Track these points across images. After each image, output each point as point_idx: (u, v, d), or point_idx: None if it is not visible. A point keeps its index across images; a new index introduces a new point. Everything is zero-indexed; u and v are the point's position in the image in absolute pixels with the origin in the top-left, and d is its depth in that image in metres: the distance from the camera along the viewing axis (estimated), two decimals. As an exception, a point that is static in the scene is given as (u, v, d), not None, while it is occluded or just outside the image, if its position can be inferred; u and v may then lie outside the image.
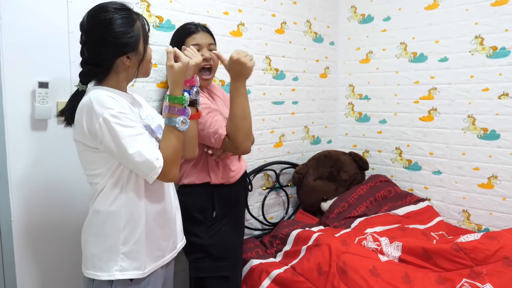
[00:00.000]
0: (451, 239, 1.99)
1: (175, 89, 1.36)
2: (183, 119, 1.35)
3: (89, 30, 1.34)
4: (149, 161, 1.25)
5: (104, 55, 1.32)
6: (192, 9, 2.17)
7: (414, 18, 2.68)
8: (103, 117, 1.23)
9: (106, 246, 1.33)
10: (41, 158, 1.70)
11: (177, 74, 1.35)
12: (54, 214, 1.74)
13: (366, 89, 2.97)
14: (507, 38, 2.31)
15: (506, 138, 2.35)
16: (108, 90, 1.33)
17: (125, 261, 1.33)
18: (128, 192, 1.33)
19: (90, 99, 1.25)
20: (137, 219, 1.34)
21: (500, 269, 1.72)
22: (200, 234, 1.74)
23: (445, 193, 2.61)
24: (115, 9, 1.33)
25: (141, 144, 1.26)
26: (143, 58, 1.39)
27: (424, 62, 2.65)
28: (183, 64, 1.36)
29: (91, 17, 1.34)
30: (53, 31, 1.70)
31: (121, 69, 1.36)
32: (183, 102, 1.36)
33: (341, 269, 1.85)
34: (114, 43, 1.31)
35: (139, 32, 1.36)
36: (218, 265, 1.75)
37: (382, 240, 2.01)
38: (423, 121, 2.68)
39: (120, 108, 1.27)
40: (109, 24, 1.30)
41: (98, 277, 1.33)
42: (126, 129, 1.25)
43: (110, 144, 1.24)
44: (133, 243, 1.33)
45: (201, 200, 1.79)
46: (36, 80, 1.65)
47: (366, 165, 2.80)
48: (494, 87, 2.37)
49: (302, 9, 2.80)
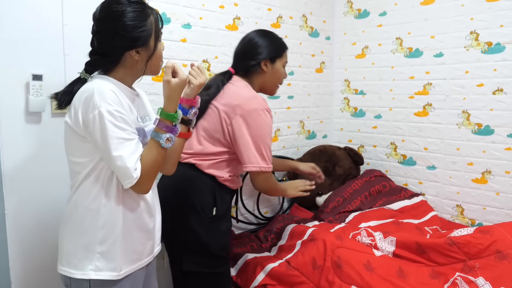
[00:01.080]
0: (444, 233, 2.01)
1: (168, 105, 1.33)
2: (169, 136, 1.32)
3: (101, 20, 1.32)
4: (128, 169, 1.24)
5: (113, 46, 1.30)
6: (187, 3, 2.16)
7: (410, 13, 2.68)
8: (99, 110, 1.21)
9: (82, 244, 1.31)
10: (35, 151, 1.70)
11: (172, 90, 1.32)
12: (48, 207, 1.74)
13: (361, 84, 2.97)
14: (502, 33, 2.32)
15: (500, 134, 2.36)
16: (113, 82, 1.31)
17: (101, 260, 1.30)
18: (109, 191, 1.31)
19: (93, 87, 1.23)
20: (115, 219, 1.32)
21: (492, 263, 1.74)
22: (199, 229, 1.72)
23: (439, 188, 2.62)
24: (129, 2, 1.31)
25: (126, 150, 1.24)
26: (153, 54, 1.36)
27: (419, 58, 2.65)
28: (180, 80, 1.33)
29: (104, 7, 1.32)
30: (47, 23, 1.69)
31: (129, 63, 1.34)
32: (174, 120, 1.34)
33: (335, 264, 1.85)
34: (125, 36, 1.28)
35: (151, 27, 1.33)
36: (215, 261, 1.75)
37: (376, 235, 2.02)
38: (418, 116, 2.69)
39: (119, 106, 1.25)
40: (121, 16, 1.28)
41: (72, 274, 1.31)
42: (117, 130, 1.22)
43: (98, 138, 1.23)
44: (110, 243, 1.31)
45: (203, 193, 1.76)
46: (30, 73, 1.64)
47: (361, 160, 2.81)
48: (488, 82, 2.38)
49: (298, 4, 2.80)
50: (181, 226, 1.72)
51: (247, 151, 1.71)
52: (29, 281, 1.73)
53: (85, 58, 1.78)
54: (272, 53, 1.83)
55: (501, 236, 1.81)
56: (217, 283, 1.78)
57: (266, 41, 1.83)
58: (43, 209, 1.73)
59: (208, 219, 1.74)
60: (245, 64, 1.82)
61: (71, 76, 1.73)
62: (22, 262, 1.71)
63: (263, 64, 1.81)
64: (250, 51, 1.82)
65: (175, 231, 1.73)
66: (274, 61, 1.84)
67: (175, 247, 1.77)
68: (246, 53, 1.83)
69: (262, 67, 1.81)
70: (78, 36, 1.77)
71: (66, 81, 1.73)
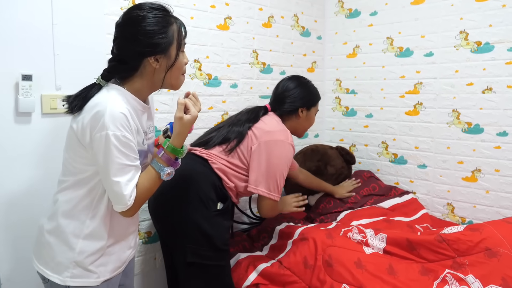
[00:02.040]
0: (435, 231, 2.02)
1: (177, 141, 1.35)
2: (170, 171, 1.34)
3: (121, 25, 1.31)
4: (123, 196, 1.25)
5: (132, 52, 1.29)
6: (178, 2, 2.16)
7: (400, 13, 2.69)
8: (107, 132, 1.19)
9: (61, 249, 1.31)
10: (25, 151, 1.69)
11: (184, 126, 1.34)
12: (37, 208, 1.72)
13: (353, 84, 2.98)
14: (491, 33, 2.34)
15: (489, 132, 2.39)
16: (127, 97, 1.29)
17: (77, 269, 1.31)
18: (99, 205, 1.32)
19: (106, 106, 1.21)
20: (100, 233, 1.33)
21: (482, 260, 1.75)
22: (204, 222, 1.76)
23: (430, 186, 2.64)
24: (151, 8, 1.30)
25: (125, 177, 1.24)
26: (173, 65, 1.34)
27: (410, 57, 2.67)
28: (192, 117, 1.34)
29: (125, 13, 1.32)
30: (37, 23, 1.68)
31: (147, 72, 1.32)
32: (179, 155, 1.36)
33: (326, 262, 1.86)
34: (144, 41, 1.27)
35: (173, 36, 1.32)
36: (218, 254, 1.80)
37: (367, 232, 2.03)
38: (408, 115, 2.70)
39: (127, 131, 1.23)
40: (141, 21, 1.27)
41: (48, 276, 1.32)
42: (120, 156, 1.22)
43: (100, 159, 1.23)
44: (90, 254, 1.32)
45: (209, 188, 1.82)
46: (20, 73, 1.63)
47: (352, 159, 2.82)
48: (478, 81, 2.40)
49: (290, 3, 2.81)
50: (186, 218, 1.76)
51: (256, 173, 1.86)
52: (18, 282, 1.72)
53: (75, 58, 1.79)
54: (309, 103, 2.05)
55: (491, 233, 1.82)
56: (220, 276, 1.83)
57: (305, 91, 2.06)
58: (32, 210, 1.72)
59: (213, 212, 1.79)
60: (284, 107, 2.03)
61: (62, 76, 1.74)
62: (11, 262, 1.70)
63: (300, 110, 2.03)
64: (290, 97, 2.03)
65: (180, 223, 1.77)
66: (309, 109, 2.07)
67: (179, 239, 1.79)
68: (285, 99, 2.03)
69: (299, 113, 2.04)
70: (68, 36, 1.76)
71: (56, 81, 1.73)
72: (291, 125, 2.04)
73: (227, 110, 2.48)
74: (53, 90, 1.73)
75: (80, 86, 1.77)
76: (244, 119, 1.96)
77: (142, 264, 2.18)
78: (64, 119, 1.76)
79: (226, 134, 1.92)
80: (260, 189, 1.86)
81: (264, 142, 1.87)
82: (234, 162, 1.89)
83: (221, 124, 2.02)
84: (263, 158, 1.86)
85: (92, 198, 1.31)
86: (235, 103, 2.52)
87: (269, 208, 1.92)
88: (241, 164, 1.90)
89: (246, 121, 1.94)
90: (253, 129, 1.91)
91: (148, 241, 2.19)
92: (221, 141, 1.91)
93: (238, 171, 1.90)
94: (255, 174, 1.87)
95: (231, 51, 2.46)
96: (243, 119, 1.96)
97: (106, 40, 1.90)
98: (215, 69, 2.40)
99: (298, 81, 2.08)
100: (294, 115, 2.04)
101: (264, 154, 1.86)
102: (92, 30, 1.84)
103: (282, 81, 2.11)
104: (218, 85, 2.42)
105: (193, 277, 1.78)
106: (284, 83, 2.08)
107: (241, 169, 1.90)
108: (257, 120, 1.95)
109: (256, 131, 1.90)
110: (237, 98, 2.53)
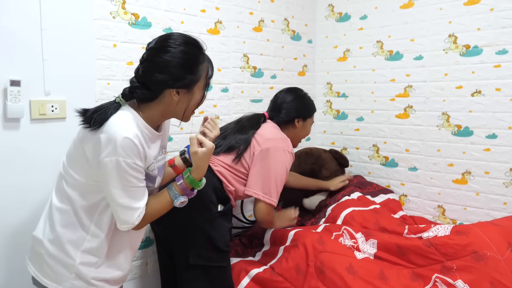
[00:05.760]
0: (423, 228, 2.04)
1: (197, 174, 1.38)
2: (184, 200, 1.37)
3: (153, 50, 1.31)
4: (131, 218, 1.27)
5: (157, 79, 1.28)
6: (168, 7, 2.15)
7: (390, 16, 2.71)
8: (117, 159, 1.20)
9: (61, 259, 1.31)
10: (13, 158, 1.66)
11: (200, 159, 1.36)
12: (26, 216, 1.70)
13: (343, 87, 2.99)
14: (479, 36, 2.37)
15: (479, 135, 2.41)
16: (139, 124, 1.29)
17: (77, 281, 1.31)
18: (100, 223, 1.32)
19: (120, 132, 1.20)
20: (99, 250, 1.33)
21: (470, 264, 1.76)
22: (206, 224, 1.79)
23: (421, 189, 2.65)
24: (186, 42, 1.31)
25: (134, 200, 1.26)
26: (199, 102, 1.40)
27: (399, 60, 2.69)
28: (207, 149, 1.36)
29: (161, 39, 1.32)
30: (25, 28, 1.66)
31: (165, 102, 1.32)
32: (196, 187, 1.39)
33: (319, 269, 1.86)
34: (171, 72, 1.27)
35: (202, 75, 1.34)
36: (220, 256, 1.82)
37: (358, 238, 2.03)
38: (399, 118, 2.72)
39: (137, 158, 1.24)
40: (174, 52, 1.27)
41: (47, 284, 1.32)
42: (130, 179, 1.24)
43: (108, 181, 1.23)
44: (89, 267, 1.32)
45: (209, 190, 1.84)
46: (8, 78, 1.61)
47: (346, 162, 2.83)
48: (467, 84, 2.42)
49: (280, 7, 2.81)
50: (188, 220, 1.77)
51: (254, 176, 1.93)
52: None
53: (64, 63, 1.78)
54: (305, 114, 2.19)
55: (477, 236, 1.83)
56: (221, 277, 1.84)
57: (302, 103, 2.20)
58: (22, 218, 1.70)
59: (214, 214, 1.83)
60: (281, 117, 2.14)
61: (51, 81, 1.73)
62: (6, 272, 1.67)
63: (296, 121, 2.15)
64: (287, 108, 2.15)
65: (181, 225, 1.78)
66: (305, 120, 2.19)
67: (180, 241, 1.80)
68: (283, 109, 2.15)
69: (295, 123, 2.15)
70: (57, 41, 1.75)
71: (45, 87, 1.72)
72: (288, 134, 2.11)
73: (218, 114, 2.48)
74: (42, 96, 1.72)
75: (69, 91, 1.78)
76: (248, 125, 2.03)
77: (134, 269, 2.16)
78: (53, 125, 1.75)
79: (232, 142, 1.98)
80: (256, 191, 1.92)
81: (266, 149, 1.95)
82: (236, 167, 1.95)
83: (224, 131, 2.05)
84: (263, 163, 1.94)
85: (95, 210, 1.31)
86: (226, 107, 2.52)
87: (265, 212, 1.95)
88: (243, 169, 1.96)
89: (250, 128, 2.02)
90: (255, 135, 2.00)
91: (140, 246, 2.18)
92: (227, 149, 1.97)
93: (239, 176, 1.96)
94: (253, 177, 1.93)
95: (221, 55, 2.45)
96: (247, 126, 2.03)
97: (95, 45, 1.89)
98: (206, 74, 2.39)
99: (296, 94, 2.21)
100: (291, 125, 2.16)
101: (264, 159, 1.94)
102: (81, 35, 1.83)
103: (280, 92, 2.22)
104: (209, 90, 2.41)
105: (195, 279, 1.79)
106: (282, 95, 2.20)
107: (242, 174, 1.97)
108: (259, 127, 2.04)
109: (259, 138, 1.99)
110: (228, 102, 2.53)
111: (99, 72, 1.91)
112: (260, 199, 1.92)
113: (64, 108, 1.77)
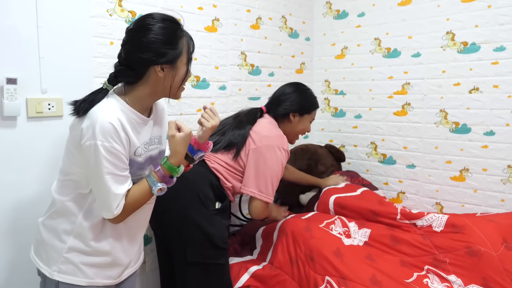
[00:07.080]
0: (416, 214, 2.05)
1: (174, 159, 1.35)
2: (163, 187, 1.34)
3: (132, 31, 1.32)
4: (111, 206, 1.26)
5: (140, 58, 1.29)
6: (165, 4, 2.15)
7: (387, 14, 2.71)
8: (96, 142, 1.20)
9: (53, 244, 1.34)
10: (10, 156, 1.66)
11: (177, 144, 1.34)
12: (23, 214, 1.70)
13: (341, 85, 2.99)
14: (477, 33, 2.36)
15: (476, 132, 2.41)
16: (124, 109, 1.29)
17: (66, 265, 1.32)
18: (91, 211, 1.33)
19: (98, 117, 1.22)
20: (89, 236, 1.33)
21: (463, 259, 1.77)
22: (204, 221, 1.79)
23: (419, 186, 2.66)
24: (163, 19, 1.32)
25: (113, 186, 1.25)
26: (185, 78, 1.37)
27: (397, 58, 2.69)
28: (185, 134, 1.34)
29: (138, 20, 1.34)
30: (22, 25, 1.65)
31: (151, 80, 1.32)
32: (174, 173, 1.36)
33: (309, 256, 1.90)
34: (152, 49, 1.28)
35: (183, 49, 1.34)
36: (218, 253, 1.82)
37: (351, 226, 2.05)
38: (397, 115, 2.72)
39: (116, 142, 1.23)
40: (152, 29, 1.29)
41: (39, 266, 1.36)
42: (109, 166, 1.23)
43: (89, 166, 1.24)
44: (78, 252, 1.33)
45: (207, 188, 1.86)
46: (4, 76, 1.60)
47: (342, 156, 2.83)
48: (465, 81, 2.42)
49: (278, 5, 2.80)
50: (186, 217, 1.78)
51: (250, 174, 1.91)
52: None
53: (61, 61, 1.77)
54: (302, 109, 2.09)
55: (471, 231, 1.84)
56: (219, 274, 1.84)
57: (301, 97, 2.11)
58: (19, 217, 1.69)
59: (212, 211, 1.82)
60: (278, 110, 2.09)
61: (47, 79, 1.72)
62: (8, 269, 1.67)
63: (291, 115, 2.07)
64: (284, 101, 2.08)
65: (179, 223, 1.78)
66: (302, 115, 2.10)
67: (179, 238, 1.80)
68: (280, 102, 2.09)
69: (290, 117, 2.07)
70: (53, 39, 1.74)
71: (41, 84, 1.71)
72: (283, 130, 2.07)
73: (216, 112, 2.47)
74: (38, 94, 1.71)
75: (66, 89, 1.77)
76: (245, 120, 2.01)
77: (131, 268, 2.15)
78: (50, 123, 1.75)
79: (230, 139, 1.97)
80: (251, 190, 1.91)
81: (261, 146, 1.93)
82: (232, 164, 1.95)
83: (223, 126, 2.05)
84: (258, 161, 1.91)
85: (86, 199, 1.32)
86: (224, 105, 2.52)
87: (260, 210, 1.94)
88: (239, 167, 1.95)
89: (247, 123, 2.00)
90: (251, 132, 1.97)
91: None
92: (226, 146, 1.96)
93: (235, 172, 1.95)
94: (248, 175, 1.92)
95: (219, 53, 2.45)
96: (245, 121, 2.01)
97: (92, 42, 1.88)
98: (204, 71, 2.38)
99: (296, 87, 2.14)
100: (286, 119, 2.09)
101: (259, 157, 1.91)
102: (78, 33, 1.82)
103: (283, 85, 2.17)
104: (206, 87, 2.41)
105: (194, 276, 1.79)
106: (282, 87, 2.16)
107: (238, 170, 1.96)
108: (255, 122, 2.01)
109: (254, 135, 1.96)
110: (225, 100, 2.53)
111: (96, 70, 1.90)
112: (256, 197, 1.91)
113: (61, 106, 1.76)
